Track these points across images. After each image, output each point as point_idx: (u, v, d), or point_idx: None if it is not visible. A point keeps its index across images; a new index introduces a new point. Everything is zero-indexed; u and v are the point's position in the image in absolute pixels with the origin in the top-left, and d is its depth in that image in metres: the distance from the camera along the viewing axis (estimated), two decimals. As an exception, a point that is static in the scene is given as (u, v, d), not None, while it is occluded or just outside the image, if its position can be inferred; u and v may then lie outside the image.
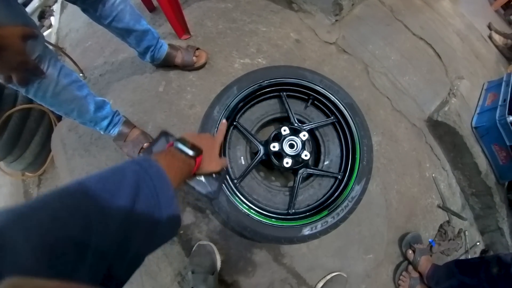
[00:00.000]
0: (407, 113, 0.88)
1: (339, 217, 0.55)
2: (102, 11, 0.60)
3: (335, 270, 0.70)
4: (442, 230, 0.85)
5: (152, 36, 0.73)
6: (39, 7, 1.64)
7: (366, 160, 0.59)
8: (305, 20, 0.95)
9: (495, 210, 0.88)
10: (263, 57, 0.85)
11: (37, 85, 0.48)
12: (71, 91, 0.54)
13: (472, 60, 1.12)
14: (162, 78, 0.85)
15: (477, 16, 1.42)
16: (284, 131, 0.58)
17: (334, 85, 0.63)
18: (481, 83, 1.05)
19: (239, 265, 0.68)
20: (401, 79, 0.92)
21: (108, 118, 0.67)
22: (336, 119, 0.63)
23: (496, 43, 1.35)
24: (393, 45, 0.97)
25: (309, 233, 0.53)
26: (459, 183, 0.92)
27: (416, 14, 1.10)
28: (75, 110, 0.58)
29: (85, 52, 1.02)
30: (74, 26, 1.21)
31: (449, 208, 0.87)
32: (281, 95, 0.62)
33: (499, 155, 0.87)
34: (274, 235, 0.52)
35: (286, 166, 0.55)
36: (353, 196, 0.56)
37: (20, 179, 1.04)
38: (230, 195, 0.53)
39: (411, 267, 0.76)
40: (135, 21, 0.66)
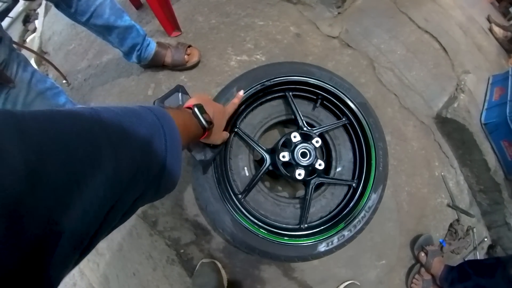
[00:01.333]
0: (415, 110, 0.84)
1: (356, 229, 0.49)
2: (78, 6, 0.51)
3: (347, 279, 0.66)
4: (452, 230, 0.83)
5: (137, 33, 0.63)
6: (24, 11, 1.55)
7: (382, 166, 0.54)
8: (304, 13, 0.87)
9: (503, 205, 0.87)
10: (262, 53, 0.77)
11: (4, 96, 0.40)
12: (45, 100, 0.46)
13: (476, 53, 1.09)
14: (150, 80, 0.76)
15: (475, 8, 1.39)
16: (294, 137, 0.50)
17: (345, 82, 0.57)
18: (486, 77, 1.02)
19: (246, 283, 0.62)
20: (408, 74, 0.87)
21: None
22: (348, 121, 0.57)
23: (496, 36, 1.32)
24: (398, 38, 0.91)
25: (325, 250, 0.47)
26: (467, 180, 0.89)
27: (419, 6, 1.05)
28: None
29: (68, 55, 0.94)
30: (57, 28, 1.11)
31: (458, 207, 0.85)
32: (286, 95, 0.55)
33: (508, 151, 0.84)
34: (287, 255, 0.46)
35: (299, 178, 0.48)
36: (370, 205, 0.51)
37: None
38: (234, 213, 0.46)
39: (424, 270, 0.74)
40: (116, 17, 0.57)
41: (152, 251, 0.65)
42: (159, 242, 0.65)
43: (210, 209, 0.46)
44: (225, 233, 0.46)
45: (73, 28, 0.98)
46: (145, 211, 0.66)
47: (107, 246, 0.68)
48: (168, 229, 0.64)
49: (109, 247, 0.68)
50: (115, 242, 0.68)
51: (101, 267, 0.68)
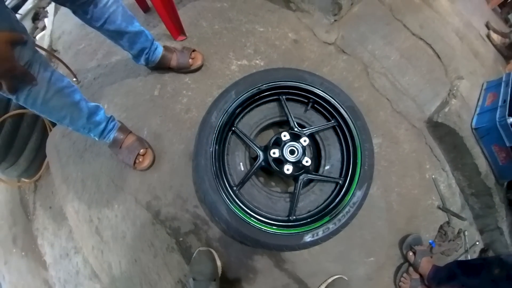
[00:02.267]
0: (407, 114, 0.88)
1: (341, 223, 0.55)
2: (94, 13, 0.58)
3: (337, 274, 0.70)
4: (442, 231, 0.86)
5: (146, 38, 0.71)
6: (33, 9, 1.61)
7: (367, 165, 0.59)
8: (303, 20, 0.93)
9: (494, 209, 0.89)
10: (261, 58, 0.84)
11: (27, 92, 0.46)
12: (63, 97, 0.52)
13: (471, 59, 1.12)
14: (156, 82, 0.83)
15: (474, 14, 1.43)
16: (284, 136, 0.57)
17: (335, 87, 0.62)
18: (481, 83, 1.06)
19: (240, 272, 0.67)
20: (401, 79, 0.92)
21: (102, 124, 0.66)
22: (337, 123, 0.62)
23: (494, 42, 1.35)
24: (392, 44, 0.96)
25: (311, 240, 0.53)
26: (459, 183, 0.93)
27: (415, 13, 1.10)
28: (68, 117, 0.56)
29: (77, 54, 1.00)
30: (67, 28, 1.19)
31: (448, 209, 0.88)
32: (280, 98, 0.61)
33: (499, 156, 0.87)
34: (276, 243, 0.52)
35: (287, 172, 0.55)
36: (354, 201, 0.56)
37: (16, 187, 1.03)
38: (229, 203, 0.52)
39: (412, 269, 0.77)
40: (128, 23, 0.64)
41: (154, 240, 0.71)
42: (160, 231, 0.71)
43: (208, 200, 0.52)
44: (221, 222, 0.52)
45: (82, 28, 1.02)
46: (149, 202, 0.72)
47: (112, 234, 0.74)
48: (170, 219, 0.71)
49: (113, 235, 0.74)
50: (119, 231, 0.73)
51: (104, 254, 0.74)
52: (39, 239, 0.95)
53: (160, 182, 0.72)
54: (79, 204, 0.80)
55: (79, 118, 0.58)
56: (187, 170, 0.72)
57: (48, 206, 0.94)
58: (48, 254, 0.92)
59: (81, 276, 0.83)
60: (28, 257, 0.98)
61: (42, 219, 0.95)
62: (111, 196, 0.76)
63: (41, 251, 0.94)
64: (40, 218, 0.96)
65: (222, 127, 0.58)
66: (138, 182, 0.74)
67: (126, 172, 0.76)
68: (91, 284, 0.81)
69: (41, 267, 0.94)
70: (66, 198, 0.83)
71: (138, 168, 0.72)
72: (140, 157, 0.70)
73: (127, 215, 0.73)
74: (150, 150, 0.72)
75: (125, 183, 0.75)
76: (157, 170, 0.74)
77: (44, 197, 0.96)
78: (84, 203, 0.79)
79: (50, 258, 0.91)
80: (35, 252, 0.96)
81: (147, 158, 0.71)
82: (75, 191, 0.81)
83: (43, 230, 0.95)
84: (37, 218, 0.97)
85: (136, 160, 0.70)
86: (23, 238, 1.01)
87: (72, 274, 0.85)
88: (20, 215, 1.03)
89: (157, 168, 0.74)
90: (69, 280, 0.86)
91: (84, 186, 0.80)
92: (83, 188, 0.80)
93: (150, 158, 0.71)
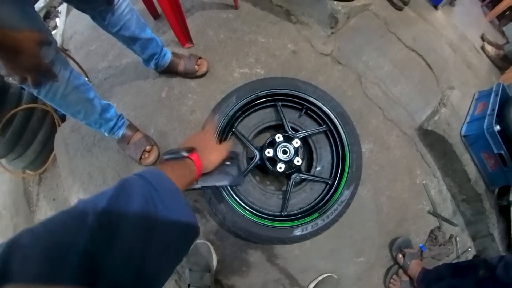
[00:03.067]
0: (398, 122, 0.94)
1: (329, 219, 0.60)
2: (111, 20, 0.65)
3: (327, 272, 0.74)
4: (433, 236, 0.89)
5: (156, 44, 0.78)
6: (44, 8, 1.66)
7: (355, 167, 0.65)
8: (302, 32, 1.02)
9: (485, 216, 0.93)
10: (261, 67, 0.92)
11: (48, 87, 0.53)
12: (79, 93, 0.59)
13: (464, 70, 1.19)
14: (164, 84, 0.92)
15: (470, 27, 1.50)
16: (278, 138, 0.63)
17: (326, 95, 0.69)
18: (472, 93, 1.12)
19: (234, 265, 0.72)
20: (393, 89, 0.99)
21: (112, 121, 0.72)
22: (328, 128, 0.69)
23: (489, 54, 1.42)
24: (386, 56, 1.04)
25: (300, 234, 0.58)
26: (450, 189, 0.97)
27: (409, 26, 1.18)
28: (82, 112, 0.63)
29: (89, 55, 1.05)
30: (79, 28, 1.24)
31: (439, 214, 0.92)
32: (276, 104, 0.68)
33: (488, 162, 0.92)
34: (267, 235, 0.57)
35: (280, 170, 0.61)
36: (342, 200, 0.62)
37: (20, 177, 1.07)
38: (227, 196, 0.59)
39: (401, 271, 0.81)
40: (141, 30, 0.71)
41: None
42: None
43: (208, 193, 0.59)
44: (219, 213, 0.58)
45: (94, 30, 1.06)
46: None
47: None
48: (171, 212, 0.77)
49: None
50: None
51: None
52: None
53: None
54: (84, 194, 0.84)
55: (92, 113, 0.65)
56: (189, 167, 0.79)
57: (52, 198, 0.98)
58: None
59: None
60: None
61: (45, 210, 0.99)
62: None
63: None
64: (43, 209, 0.99)
65: (223, 128, 0.65)
66: None
67: (131, 166, 0.82)
68: None
69: None
70: (72, 188, 0.86)
71: (144, 163, 0.78)
72: (146, 153, 0.77)
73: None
74: (155, 147, 0.79)
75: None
76: (161, 166, 0.81)
77: (48, 189, 1.00)
78: (89, 194, 0.84)
79: None
80: None
81: (152, 154, 0.77)
82: (81, 182, 0.85)
83: None
84: (40, 209, 1.00)
85: (142, 155, 0.77)
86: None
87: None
88: (22, 206, 1.05)
89: (162, 164, 0.81)
90: None
91: (91, 178, 0.85)
92: (89, 180, 0.85)
93: (155, 154, 0.78)
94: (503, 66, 1.39)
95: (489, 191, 0.95)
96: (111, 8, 0.63)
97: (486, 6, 1.98)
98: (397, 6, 1.22)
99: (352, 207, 0.70)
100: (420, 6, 1.31)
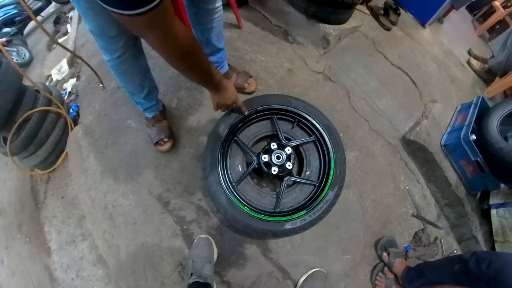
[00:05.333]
0: (383, 132, 1.09)
1: (315, 216, 0.73)
2: (201, 19, 0.73)
3: (316, 267, 0.85)
4: (417, 237, 1.01)
5: (223, 54, 0.91)
6: (55, 13, 1.84)
7: (339, 171, 0.78)
8: (297, 51, 1.19)
9: (467, 219, 1.03)
10: (260, 83, 1.07)
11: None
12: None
13: (447, 84, 1.34)
14: (174, 96, 1.07)
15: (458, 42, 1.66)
16: (273, 146, 0.78)
17: (315, 110, 0.85)
18: (455, 105, 1.26)
19: (232, 258, 0.84)
20: (379, 102, 1.14)
21: (150, 102, 0.85)
22: (316, 138, 0.83)
23: (474, 68, 1.58)
24: (372, 73, 1.20)
25: (290, 228, 0.71)
26: (433, 194, 1.09)
27: (395, 44, 1.35)
28: (136, 89, 0.78)
29: (101, 64, 1.12)
30: (91, 37, 1.43)
31: (423, 217, 1.04)
32: (272, 117, 0.84)
33: (467, 169, 1.05)
34: (262, 228, 0.70)
35: (274, 173, 0.75)
36: (327, 199, 0.75)
37: (28, 175, 1.12)
38: (228, 193, 0.73)
39: (387, 269, 0.91)
40: (218, 38, 0.83)
41: (161, 226, 0.87)
42: (168, 219, 0.88)
43: (212, 190, 0.73)
44: (220, 208, 0.72)
45: None
46: (160, 194, 0.92)
47: (124, 220, 0.89)
48: (177, 209, 0.90)
49: (125, 221, 0.89)
50: (131, 217, 0.89)
51: (115, 238, 0.88)
52: (47, 226, 1.02)
53: (171, 178, 0.92)
54: (96, 193, 0.94)
55: (141, 92, 0.78)
56: (195, 169, 0.92)
57: (60, 196, 1.04)
58: (54, 241, 0.99)
59: (85, 261, 0.93)
60: (32, 243, 1.04)
61: (52, 207, 1.03)
62: (127, 188, 0.92)
63: (47, 238, 1.00)
64: (50, 206, 1.04)
65: (226, 136, 0.79)
66: (153, 177, 0.93)
67: (142, 168, 0.94)
68: (94, 270, 0.91)
69: (44, 253, 0.99)
70: (84, 187, 0.96)
71: (157, 148, 0.90)
72: (163, 141, 0.89)
73: (140, 204, 0.90)
74: (172, 140, 0.91)
75: (140, 177, 0.93)
76: (170, 168, 0.94)
77: (57, 187, 1.06)
78: (100, 192, 0.93)
79: (55, 244, 0.98)
80: (39, 239, 1.02)
81: (167, 145, 0.90)
82: (93, 181, 0.95)
83: (51, 217, 1.02)
84: (47, 206, 1.05)
85: (160, 141, 0.88)
86: (29, 225, 1.06)
87: (76, 259, 0.94)
88: (29, 203, 1.09)
89: (170, 166, 0.95)
90: (72, 265, 0.94)
91: (103, 178, 0.95)
92: (101, 180, 0.95)
93: (169, 146, 0.90)
94: (488, 79, 1.55)
95: (470, 196, 1.07)
96: (211, 9, 0.70)
97: (477, 20, 2.18)
98: (386, 27, 1.41)
99: (338, 208, 0.83)
100: (407, 25, 1.50)
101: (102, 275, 0.91)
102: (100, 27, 0.59)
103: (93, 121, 1.10)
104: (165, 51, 0.44)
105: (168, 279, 0.84)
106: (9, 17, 1.63)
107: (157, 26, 0.38)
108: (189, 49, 0.45)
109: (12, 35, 1.62)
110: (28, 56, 1.67)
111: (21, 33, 1.72)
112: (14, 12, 1.65)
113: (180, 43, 0.43)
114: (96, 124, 1.08)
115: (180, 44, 0.43)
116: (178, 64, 0.49)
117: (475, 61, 1.59)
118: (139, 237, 0.87)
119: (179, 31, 0.41)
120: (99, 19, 0.57)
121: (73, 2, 0.55)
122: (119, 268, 0.87)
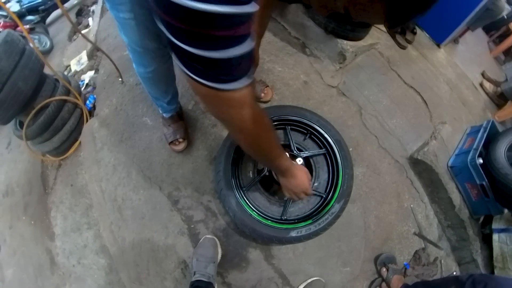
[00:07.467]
0: (391, 150, 1.14)
1: (320, 226, 0.78)
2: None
3: (315, 276, 0.90)
4: (417, 255, 1.05)
5: None
6: (78, 5, 1.95)
7: (346, 186, 0.84)
8: (314, 64, 1.25)
9: (469, 242, 1.07)
10: (276, 94, 1.12)
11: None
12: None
13: (458, 107, 1.39)
14: (191, 98, 1.15)
15: (472, 64, 1.71)
16: (284, 155, 0.84)
17: (328, 124, 0.91)
18: (464, 128, 1.31)
19: (235, 260, 0.89)
20: (389, 121, 1.19)
21: (171, 106, 0.90)
22: (327, 151, 0.89)
23: (486, 90, 1.63)
24: (385, 92, 1.26)
25: (295, 236, 0.76)
26: (436, 215, 1.13)
27: (410, 64, 1.41)
28: (161, 95, 0.83)
29: (121, 59, 1.18)
30: (113, 32, 1.44)
31: (425, 237, 1.08)
32: (286, 128, 0.90)
33: (472, 192, 1.09)
34: (268, 234, 0.76)
35: (283, 182, 0.81)
36: (333, 211, 0.80)
37: (39, 159, 1.16)
38: (239, 197, 0.79)
39: (384, 284, 0.96)
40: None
41: (169, 223, 0.92)
42: (176, 217, 0.94)
43: (223, 193, 0.79)
44: (230, 211, 0.78)
45: None
46: (171, 192, 0.98)
47: (132, 214, 0.94)
48: (186, 208, 0.96)
49: (133, 215, 0.94)
50: (140, 212, 0.95)
51: (121, 230, 0.93)
52: (53, 211, 1.05)
53: (183, 177, 0.98)
54: (107, 184, 0.99)
55: (165, 97, 0.85)
56: (206, 172, 0.98)
57: (69, 183, 1.08)
58: (59, 226, 1.02)
59: (88, 250, 0.96)
60: (36, 226, 1.06)
61: (60, 193, 1.07)
62: (139, 183, 0.98)
63: (52, 223, 1.03)
64: (59, 192, 1.08)
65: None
66: (165, 175, 0.99)
67: (155, 165, 1.00)
68: (96, 259, 0.94)
69: (47, 237, 1.02)
70: (95, 177, 1.01)
71: (171, 147, 0.96)
72: (177, 142, 0.94)
73: (150, 200, 0.95)
74: (186, 141, 0.97)
75: (153, 174, 0.99)
76: (182, 168, 1.01)
77: (67, 175, 1.10)
78: (112, 184, 0.99)
79: (60, 230, 1.01)
80: (44, 223, 1.05)
81: (181, 145, 0.95)
82: (105, 173, 1.01)
83: (59, 203, 1.06)
84: (55, 192, 1.09)
85: (175, 141, 0.95)
86: (36, 207, 1.10)
87: (79, 247, 0.97)
88: (37, 187, 1.13)
89: (182, 166, 1.01)
90: (74, 252, 0.97)
91: (115, 170, 1.01)
92: (113, 172, 1.00)
93: (184, 146, 0.95)
94: (500, 103, 1.60)
95: (473, 219, 1.11)
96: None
97: (493, 41, 2.21)
98: (401, 45, 1.47)
99: (342, 222, 0.88)
100: (422, 45, 1.55)
101: (104, 264, 0.96)
102: (140, 39, 0.58)
103: (109, 114, 1.17)
104: (246, 136, 0.40)
105: (170, 275, 0.89)
106: (34, 5, 1.72)
107: (249, 105, 0.34)
108: (263, 134, 0.42)
109: (35, 23, 1.70)
110: (49, 44, 1.75)
111: (43, 22, 1.80)
112: (38, 1, 1.74)
113: (260, 126, 0.39)
114: (112, 117, 1.15)
115: (259, 128, 0.40)
116: (249, 149, 0.46)
117: (488, 83, 1.64)
118: (146, 231, 0.92)
119: (261, 113, 0.39)
120: (141, 30, 0.56)
121: (112, 10, 0.55)
122: (122, 260, 0.91)
